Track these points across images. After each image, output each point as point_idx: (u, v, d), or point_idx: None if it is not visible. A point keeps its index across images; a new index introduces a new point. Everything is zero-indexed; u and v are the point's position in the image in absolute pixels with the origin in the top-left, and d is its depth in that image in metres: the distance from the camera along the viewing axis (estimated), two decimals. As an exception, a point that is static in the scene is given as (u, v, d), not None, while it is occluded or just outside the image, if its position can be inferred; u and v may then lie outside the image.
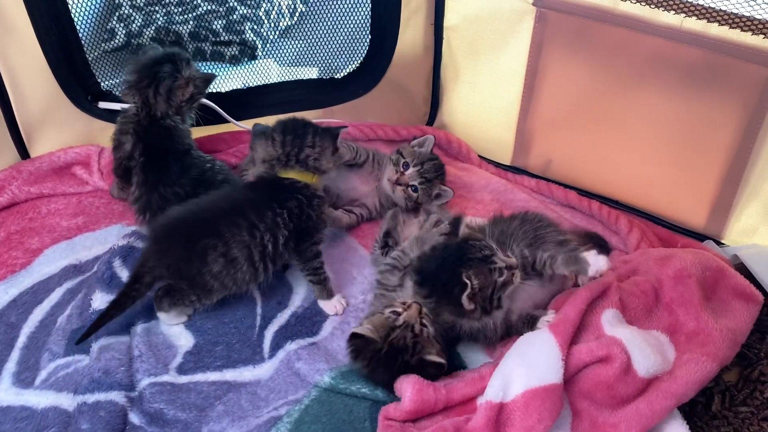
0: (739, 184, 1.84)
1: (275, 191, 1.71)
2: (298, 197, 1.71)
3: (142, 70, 1.90)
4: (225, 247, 1.62)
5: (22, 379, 1.62)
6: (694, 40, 1.75)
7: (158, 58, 1.91)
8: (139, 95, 1.89)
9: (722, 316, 1.58)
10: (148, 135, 1.89)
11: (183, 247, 1.63)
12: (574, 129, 2.09)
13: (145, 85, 1.88)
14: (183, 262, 1.63)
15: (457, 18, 2.19)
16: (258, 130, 1.80)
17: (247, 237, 1.64)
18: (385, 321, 1.54)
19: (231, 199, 1.71)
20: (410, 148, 2.03)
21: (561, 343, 1.44)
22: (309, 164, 1.75)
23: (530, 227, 1.74)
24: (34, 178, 2.13)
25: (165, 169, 1.88)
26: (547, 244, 1.70)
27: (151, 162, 1.88)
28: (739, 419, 1.54)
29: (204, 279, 1.63)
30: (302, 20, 2.87)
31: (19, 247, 1.95)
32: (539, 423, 1.36)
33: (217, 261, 1.62)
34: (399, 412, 1.46)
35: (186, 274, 1.63)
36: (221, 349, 1.68)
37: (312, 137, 1.76)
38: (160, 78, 1.88)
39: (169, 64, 1.90)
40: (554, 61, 2.03)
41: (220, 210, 1.67)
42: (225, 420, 1.52)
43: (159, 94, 1.88)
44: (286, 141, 1.74)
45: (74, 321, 1.73)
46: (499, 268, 1.51)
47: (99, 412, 1.50)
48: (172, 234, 1.66)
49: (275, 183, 1.74)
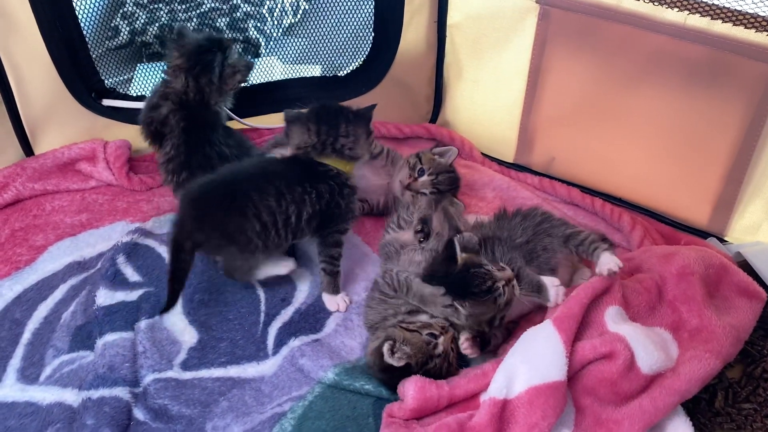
0: (743, 182, 1.84)
1: (309, 172, 1.73)
2: (330, 183, 1.72)
3: (192, 56, 1.92)
4: (255, 209, 1.64)
5: (27, 375, 1.63)
6: (697, 38, 1.75)
7: (206, 45, 1.93)
8: (193, 80, 1.92)
9: (725, 313, 1.58)
10: (190, 109, 1.93)
11: (223, 207, 1.64)
12: (578, 126, 2.09)
13: (198, 72, 1.91)
14: (226, 224, 1.64)
15: (461, 16, 2.19)
16: (291, 116, 1.79)
17: (274, 203, 1.65)
18: (425, 347, 1.51)
19: (263, 168, 1.74)
20: (430, 155, 2.01)
21: (565, 340, 1.44)
22: (345, 153, 1.75)
23: (530, 224, 1.75)
24: (38, 175, 2.13)
25: (208, 132, 1.92)
26: (549, 239, 1.71)
27: (193, 127, 1.92)
28: (743, 416, 1.54)
29: (248, 236, 1.65)
30: (306, 18, 2.87)
31: (23, 244, 1.96)
32: (543, 420, 1.37)
33: (254, 220, 1.64)
34: (403, 410, 1.46)
35: (230, 236, 1.65)
36: (225, 345, 1.69)
37: (345, 126, 1.75)
38: (213, 67, 1.92)
39: (219, 54, 1.93)
40: (557, 59, 2.03)
41: (252, 176, 1.70)
42: (229, 416, 1.53)
43: (212, 83, 1.93)
44: (321, 130, 1.74)
45: (78, 317, 1.74)
46: (501, 292, 1.50)
47: (103, 408, 1.50)
48: (210, 197, 1.67)
49: (311, 164, 1.74)
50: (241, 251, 1.68)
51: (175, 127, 1.92)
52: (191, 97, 1.93)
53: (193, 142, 1.91)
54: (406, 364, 1.50)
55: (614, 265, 1.57)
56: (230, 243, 1.66)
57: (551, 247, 1.70)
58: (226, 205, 1.64)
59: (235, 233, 1.64)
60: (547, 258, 1.69)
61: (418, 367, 1.51)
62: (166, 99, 1.94)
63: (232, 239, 1.65)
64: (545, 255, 1.69)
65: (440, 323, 1.56)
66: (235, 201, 1.64)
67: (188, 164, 1.90)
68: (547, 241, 1.71)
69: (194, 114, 1.93)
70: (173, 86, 1.95)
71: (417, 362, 1.51)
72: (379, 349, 1.52)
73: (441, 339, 1.53)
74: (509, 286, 1.52)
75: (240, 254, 1.69)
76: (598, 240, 1.68)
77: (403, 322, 1.57)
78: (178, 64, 1.93)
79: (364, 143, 1.79)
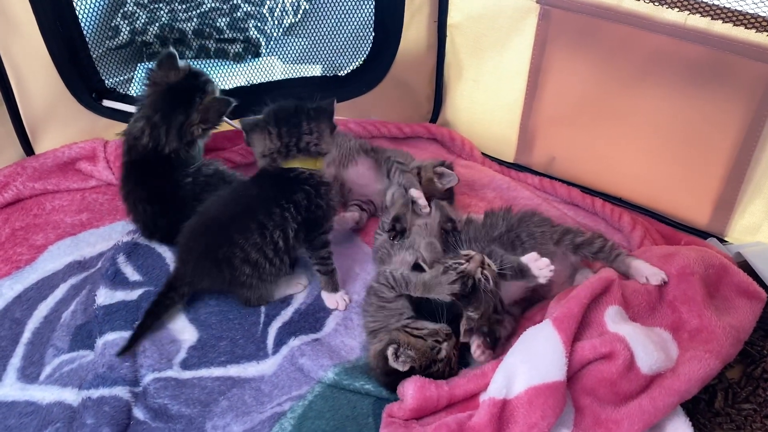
0: (743, 182, 1.84)
1: (281, 185, 1.70)
2: (305, 188, 1.69)
3: (160, 101, 1.84)
4: (243, 252, 1.65)
5: (27, 374, 1.63)
6: (697, 38, 1.75)
7: (176, 89, 1.84)
8: (149, 128, 1.83)
9: (725, 313, 1.58)
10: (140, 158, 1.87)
11: (210, 260, 1.67)
12: (578, 126, 2.09)
13: (157, 121, 1.83)
14: (216, 273, 1.68)
15: (461, 16, 2.19)
16: (249, 124, 1.73)
17: (259, 239, 1.65)
18: (429, 352, 1.52)
19: (239, 201, 1.71)
20: (431, 173, 1.98)
21: (565, 340, 1.44)
22: (311, 151, 1.71)
23: (515, 216, 1.77)
24: (39, 175, 2.14)
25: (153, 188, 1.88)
26: (537, 228, 1.73)
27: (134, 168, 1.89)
28: (742, 416, 1.54)
29: (243, 280, 1.68)
30: (306, 18, 2.87)
31: (23, 244, 1.96)
32: (542, 420, 1.37)
33: (243, 266, 1.66)
34: (402, 411, 1.46)
35: (225, 282, 1.69)
36: (225, 344, 1.69)
37: (307, 124, 1.71)
38: (176, 115, 1.83)
39: (184, 104, 1.84)
40: (558, 59, 2.03)
41: (232, 215, 1.68)
42: (229, 415, 1.53)
43: (170, 132, 1.83)
44: (282, 132, 1.69)
45: (78, 317, 1.74)
46: (484, 279, 1.53)
47: (103, 407, 1.50)
48: (197, 249, 1.69)
49: (280, 176, 1.71)
50: (245, 288, 1.71)
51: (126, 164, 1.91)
52: (145, 143, 1.85)
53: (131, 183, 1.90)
54: (410, 368, 1.50)
55: (660, 277, 1.61)
56: (231, 286, 1.71)
57: (539, 235, 1.71)
58: (214, 257, 1.67)
59: (231, 279, 1.69)
60: (533, 244, 1.70)
61: (421, 370, 1.51)
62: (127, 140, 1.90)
63: (232, 283, 1.70)
64: (531, 241, 1.70)
65: (445, 330, 1.56)
66: (221, 249, 1.66)
67: (129, 197, 1.90)
68: (534, 230, 1.72)
69: (140, 159, 1.87)
70: (136, 127, 1.86)
71: (420, 365, 1.51)
72: (382, 353, 1.51)
73: (445, 345, 1.53)
74: (486, 268, 1.54)
75: (246, 290, 1.72)
76: (616, 246, 1.71)
77: (408, 327, 1.56)
78: (144, 105, 1.86)
79: (328, 138, 1.74)
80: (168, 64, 1.86)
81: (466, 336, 1.54)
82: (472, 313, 1.53)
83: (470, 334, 1.54)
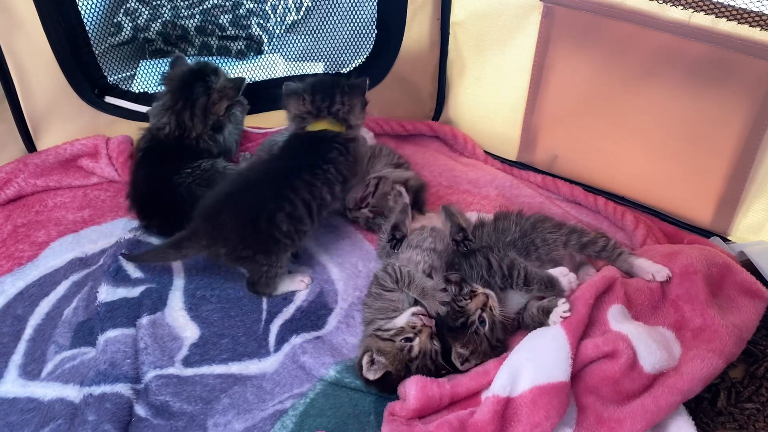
0: (746, 181, 1.84)
1: (313, 148, 1.79)
2: (335, 146, 1.79)
3: (176, 91, 1.93)
4: (291, 207, 1.71)
5: (29, 371, 1.63)
6: (702, 36, 1.74)
7: (187, 77, 1.94)
8: (175, 117, 1.93)
9: (728, 312, 1.58)
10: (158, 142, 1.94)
11: (247, 217, 1.69)
12: (581, 125, 2.09)
13: (180, 108, 1.92)
14: (249, 230, 1.69)
15: (464, 13, 2.19)
16: (290, 89, 1.86)
17: (309, 195, 1.73)
18: (399, 353, 1.49)
19: (278, 163, 1.81)
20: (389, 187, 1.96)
21: (572, 341, 1.44)
22: (339, 116, 1.83)
23: (528, 220, 1.75)
24: (41, 171, 2.13)
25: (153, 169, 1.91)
26: (550, 235, 1.71)
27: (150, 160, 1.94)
28: (745, 416, 1.54)
29: (275, 239, 1.71)
30: (308, 15, 2.87)
31: (25, 240, 1.96)
32: (546, 420, 1.36)
33: (284, 221, 1.70)
34: (405, 410, 1.46)
35: (254, 240, 1.70)
36: (227, 342, 1.69)
37: (341, 96, 1.83)
38: (195, 98, 1.92)
39: (199, 84, 1.93)
40: (561, 57, 2.03)
41: (274, 174, 1.76)
42: (230, 413, 1.53)
43: (195, 115, 1.93)
44: (317, 99, 1.83)
45: (80, 314, 1.74)
46: (479, 322, 1.49)
47: (105, 404, 1.50)
48: (231, 208, 1.71)
49: (310, 139, 1.81)
50: (271, 251, 1.72)
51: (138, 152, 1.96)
52: (168, 132, 1.93)
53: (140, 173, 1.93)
54: (386, 374, 1.49)
55: (665, 273, 1.61)
56: (258, 247, 1.71)
57: (552, 241, 1.70)
58: (254, 213, 1.69)
59: (265, 236, 1.70)
60: (547, 250, 1.68)
61: (398, 373, 1.49)
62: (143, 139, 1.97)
63: (260, 243, 1.71)
64: (545, 247, 1.69)
65: (411, 323, 1.52)
66: (266, 204, 1.70)
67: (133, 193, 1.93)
68: (548, 236, 1.70)
69: (159, 148, 1.93)
70: (156, 123, 1.95)
71: (396, 369, 1.49)
72: (359, 363, 1.51)
73: (416, 340, 1.50)
74: (487, 311, 1.50)
75: (268, 257, 1.72)
76: (618, 244, 1.70)
77: (379, 329, 1.55)
78: (164, 102, 1.94)
79: (359, 113, 1.87)
80: (179, 64, 1.99)
81: (463, 366, 1.51)
82: (461, 349, 1.50)
83: (466, 363, 1.52)
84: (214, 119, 1.96)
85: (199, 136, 1.95)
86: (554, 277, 1.58)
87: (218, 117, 1.97)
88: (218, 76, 1.97)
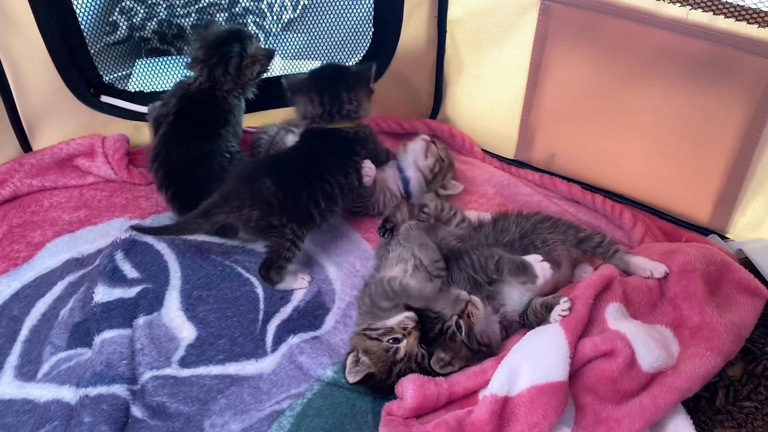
0: (744, 178, 1.83)
1: (344, 144, 1.89)
2: (358, 141, 1.90)
3: (210, 47, 1.99)
4: (330, 187, 1.82)
5: (25, 372, 1.62)
6: (699, 33, 1.74)
7: (224, 36, 1.99)
8: (208, 70, 1.98)
9: (727, 310, 1.58)
10: (192, 101, 1.98)
11: (291, 187, 1.77)
12: (578, 123, 2.08)
13: (215, 62, 1.97)
14: (290, 200, 1.76)
15: (461, 11, 2.18)
16: (294, 84, 1.91)
17: (343, 180, 1.85)
18: (384, 355, 1.48)
19: (311, 153, 1.87)
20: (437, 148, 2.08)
21: (570, 341, 1.44)
22: (351, 117, 1.91)
23: (528, 221, 1.75)
24: (36, 171, 2.13)
25: (186, 132, 1.95)
26: (550, 235, 1.70)
27: (187, 117, 1.97)
28: (743, 414, 1.54)
29: (311, 214, 1.79)
30: (305, 13, 2.86)
31: (21, 241, 1.95)
32: (544, 420, 1.36)
33: (322, 199, 1.80)
34: (402, 409, 1.45)
35: (292, 210, 1.76)
36: (224, 342, 1.68)
37: (347, 93, 1.89)
38: (229, 57, 1.98)
39: (236, 43, 1.99)
40: (558, 55, 2.02)
41: (313, 159, 1.84)
42: (227, 413, 1.52)
43: (228, 72, 1.98)
44: (324, 101, 1.88)
45: (76, 314, 1.73)
46: (456, 327, 1.48)
47: (101, 406, 1.50)
48: (275, 177, 1.77)
49: (337, 136, 1.89)
50: (293, 232, 1.77)
51: (168, 119, 1.96)
52: (199, 86, 1.98)
53: (169, 137, 1.94)
54: (368, 375, 1.48)
55: (662, 269, 1.61)
56: (289, 221, 1.76)
57: (552, 242, 1.69)
58: (298, 187, 1.78)
59: (301, 211, 1.77)
60: (548, 250, 1.68)
61: (380, 375, 1.48)
62: (174, 95, 2.00)
63: (295, 211, 1.76)
64: (545, 248, 1.68)
65: (403, 324, 1.50)
66: (314, 181, 1.80)
67: (158, 156, 1.94)
68: (547, 237, 1.70)
69: (194, 103, 1.97)
70: (185, 82, 2.01)
71: (379, 370, 1.48)
72: (343, 363, 1.51)
73: (404, 343, 1.48)
74: (464, 318, 1.49)
75: (300, 229, 1.78)
76: (614, 242, 1.70)
77: (368, 329, 1.53)
78: (197, 56, 1.99)
79: (366, 104, 1.94)
80: (213, 26, 2.05)
81: (443, 370, 1.50)
82: (442, 354, 1.49)
83: (448, 366, 1.51)
84: (244, 80, 2.02)
85: (228, 92, 2.00)
86: (525, 261, 1.57)
87: (248, 80, 2.03)
88: (252, 42, 2.02)
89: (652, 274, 1.62)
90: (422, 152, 2.04)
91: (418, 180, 2.04)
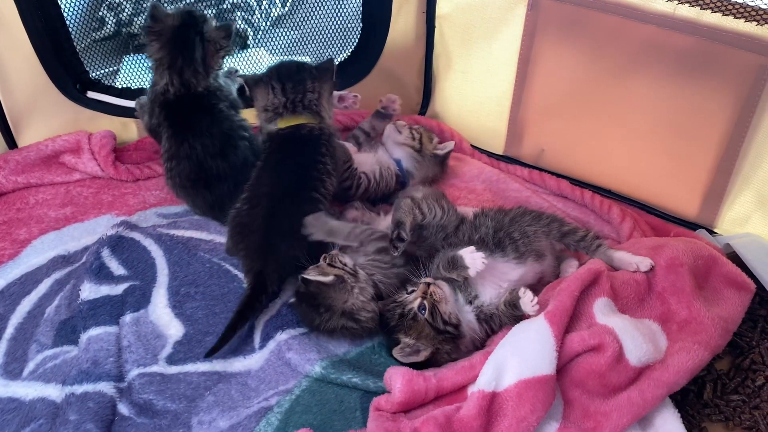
0: (732, 173, 1.84)
1: (307, 145, 1.79)
2: (322, 142, 1.80)
3: (170, 46, 1.89)
4: (322, 204, 1.76)
5: (10, 370, 1.61)
6: (687, 28, 1.74)
7: (181, 29, 1.89)
8: (178, 76, 1.89)
9: (714, 304, 1.58)
10: (172, 104, 1.92)
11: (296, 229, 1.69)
12: (567, 118, 2.08)
13: (181, 66, 1.89)
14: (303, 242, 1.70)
15: (450, 6, 2.18)
16: (252, 79, 1.83)
17: (324, 190, 1.77)
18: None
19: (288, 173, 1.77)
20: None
21: (556, 334, 1.44)
22: (314, 109, 1.82)
23: (506, 216, 1.75)
24: (22, 168, 2.11)
25: (194, 124, 1.91)
26: (530, 228, 1.71)
27: (178, 120, 1.92)
28: (731, 407, 1.54)
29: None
30: (294, 9, 2.85)
31: (6, 238, 1.94)
32: (532, 413, 1.36)
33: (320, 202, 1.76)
34: (390, 404, 1.45)
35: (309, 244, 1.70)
36: (212, 339, 1.66)
37: (311, 82, 1.81)
38: (195, 58, 1.88)
39: (195, 35, 1.89)
40: (547, 50, 2.02)
41: (294, 182, 1.76)
42: (215, 410, 1.51)
43: (198, 72, 1.90)
44: (287, 88, 1.79)
45: (62, 312, 1.72)
46: (418, 308, 1.53)
47: (87, 403, 1.49)
48: (278, 228, 1.71)
49: (299, 138, 1.80)
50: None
51: (163, 124, 1.94)
52: (176, 93, 1.91)
53: (180, 134, 1.92)
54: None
55: (648, 263, 1.61)
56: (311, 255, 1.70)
57: (533, 233, 1.70)
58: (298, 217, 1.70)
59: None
60: (527, 242, 1.68)
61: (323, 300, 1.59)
62: (155, 104, 1.95)
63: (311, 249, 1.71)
64: (524, 239, 1.68)
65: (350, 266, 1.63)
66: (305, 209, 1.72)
67: (178, 154, 1.92)
68: (527, 229, 1.70)
69: (178, 106, 1.92)
70: (156, 90, 1.93)
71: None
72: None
73: (356, 288, 1.60)
74: (428, 298, 1.53)
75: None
76: (597, 236, 1.71)
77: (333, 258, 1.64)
78: (161, 60, 1.91)
79: (328, 97, 1.86)
80: (159, 14, 1.91)
81: (408, 359, 1.53)
82: (406, 338, 1.54)
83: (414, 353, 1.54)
84: (214, 70, 1.95)
85: (206, 89, 1.93)
86: (455, 255, 1.59)
87: (218, 68, 1.96)
88: (208, 24, 1.93)
89: (638, 267, 1.62)
90: (394, 130, 2.09)
91: (408, 155, 2.08)
